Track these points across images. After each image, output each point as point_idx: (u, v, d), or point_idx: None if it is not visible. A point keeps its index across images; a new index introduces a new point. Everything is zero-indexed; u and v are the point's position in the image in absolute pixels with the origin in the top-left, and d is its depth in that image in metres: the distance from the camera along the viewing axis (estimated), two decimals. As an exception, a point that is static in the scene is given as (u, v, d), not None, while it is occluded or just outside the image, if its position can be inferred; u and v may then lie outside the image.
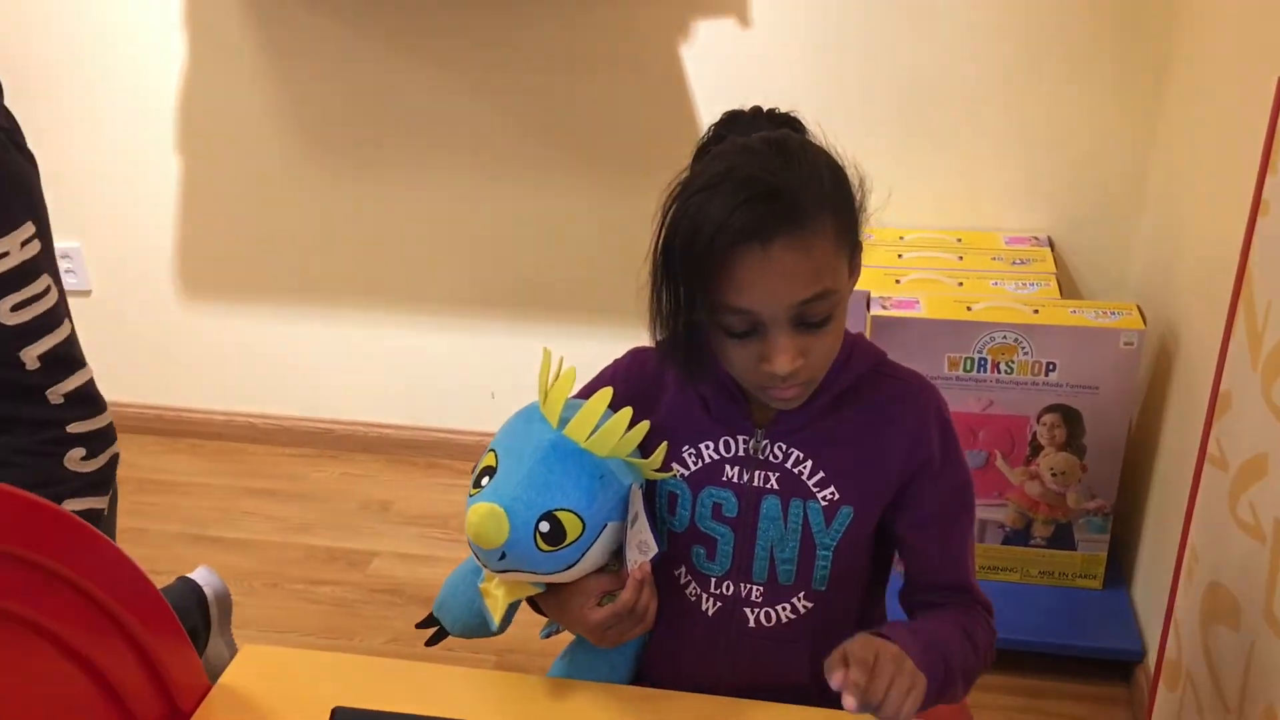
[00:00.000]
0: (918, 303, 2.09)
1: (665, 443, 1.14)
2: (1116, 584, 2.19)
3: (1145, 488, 2.14)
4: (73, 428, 1.28)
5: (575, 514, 1.07)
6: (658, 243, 1.05)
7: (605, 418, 1.09)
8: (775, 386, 1.07)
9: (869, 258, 2.19)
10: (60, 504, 1.26)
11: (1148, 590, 2.09)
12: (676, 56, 2.36)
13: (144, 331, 2.85)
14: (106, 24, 2.54)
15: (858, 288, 2.07)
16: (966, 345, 2.05)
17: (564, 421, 1.09)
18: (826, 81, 2.33)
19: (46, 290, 1.26)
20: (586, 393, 1.19)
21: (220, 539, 2.57)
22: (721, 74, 2.35)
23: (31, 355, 1.24)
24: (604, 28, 2.36)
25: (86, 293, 2.83)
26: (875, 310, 2.07)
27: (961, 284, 2.17)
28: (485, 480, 1.09)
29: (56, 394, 1.27)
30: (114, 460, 1.34)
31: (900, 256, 2.29)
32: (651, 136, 2.39)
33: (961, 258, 2.27)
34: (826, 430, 1.15)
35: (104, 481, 1.33)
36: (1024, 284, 2.16)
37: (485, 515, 1.04)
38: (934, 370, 2.06)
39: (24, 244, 1.22)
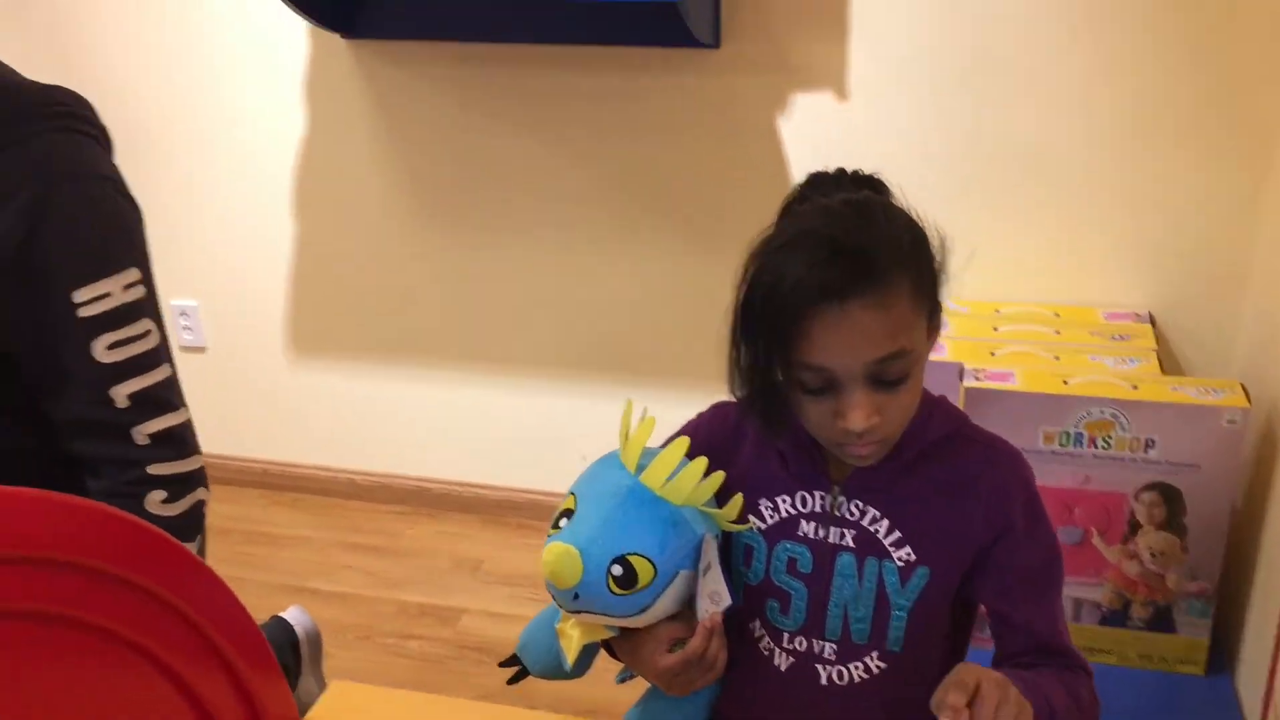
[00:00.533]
0: (1012, 375, 2.08)
1: (740, 494, 1.15)
2: (1219, 670, 2.11)
3: (1250, 571, 2.06)
4: (154, 469, 1.28)
5: (648, 559, 1.09)
6: (738, 299, 1.08)
7: (682, 466, 1.11)
8: (851, 443, 1.08)
9: (962, 329, 2.23)
10: None
11: (1252, 678, 2.01)
12: (773, 126, 2.40)
13: (254, 387, 2.96)
14: (226, 92, 2.68)
15: (951, 359, 2.11)
16: (1063, 419, 2.02)
17: (641, 468, 1.12)
18: (923, 152, 2.35)
19: (146, 333, 1.28)
20: (668, 444, 1.21)
21: (317, 591, 2.63)
22: (817, 144, 2.38)
23: (121, 394, 1.25)
24: (704, 97, 2.42)
25: (202, 349, 2.95)
26: (969, 382, 2.06)
27: (1058, 358, 2.15)
28: (563, 522, 1.12)
29: (142, 434, 1.27)
30: (198, 506, 1.33)
31: (995, 329, 2.27)
32: (747, 205, 2.42)
33: (1059, 332, 2.25)
34: (905, 490, 1.15)
35: (188, 527, 1.31)
36: (1124, 360, 2.13)
37: (560, 555, 1.07)
38: (1029, 444, 2.03)
39: (127, 287, 1.25)
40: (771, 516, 1.18)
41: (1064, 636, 1.17)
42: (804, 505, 1.17)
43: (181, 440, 1.30)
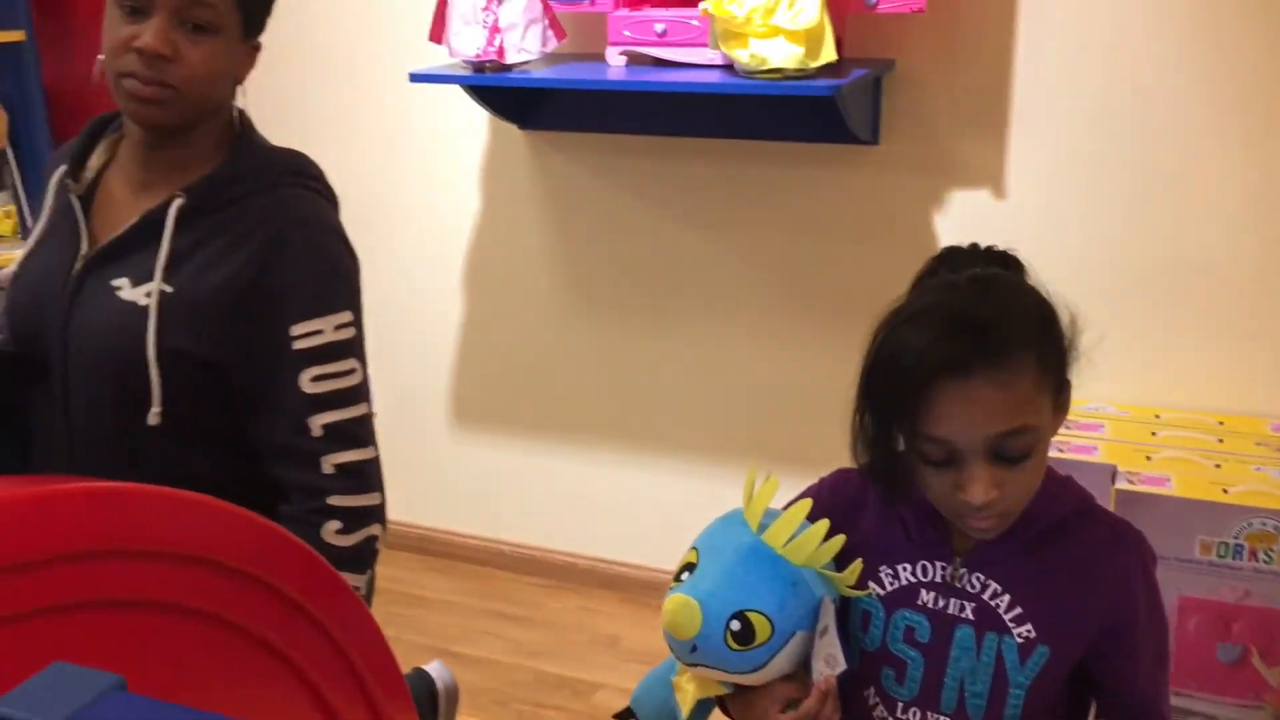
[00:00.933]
0: (1169, 480, 2.02)
1: (860, 560, 1.17)
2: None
3: None
4: (334, 499, 1.32)
5: (766, 617, 1.11)
6: (863, 368, 1.12)
7: (803, 527, 1.14)
8: (970, 515, 1.09)
9: (1118, 432, 2.19)
10: None
11: None
12: (929, 223, 2.43)
13: (418, 455, 3.10)
14: (410, 171, 2.87)
15: (1103, 460, 2.06)
16: (1222, 529, 1.95)
17: (763, 527, 1.15)
18: (1083, 255, 2.33)
19: (349, 371, 1.34)
20: (791, 505, 1.24)
21: (459, 655, 2.70)
22: (974, 242, 2.39)
23: (317, 424, 1.31)
24: (861, 192, 2.47)
25: (371, 414, 3.11)
26: (1121, 484, 2.01)
27: (1219, 466, 2.08)
28: (684, 575, 1.15)
29: (329, 463, 1.32)
30: (371, 541, 1.36)
31: (1154, 434, 2.22)
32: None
33: (1222, 440, 2.17)
34: (1028, 566, 1.14)
35: (359, 560, 1.35)
36: (1290, 472, 2.04)
37: (680, 606, 1.11)
38: (1183, 553, 1.96)
39: (338, 327, 1.33)
40: (891, 584, 1.19)
41: (1168, 713, 1.16)
42: (924, 574, 1.18)
43: (364, 475, 1.35)
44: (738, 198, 2.59)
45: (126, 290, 1.31)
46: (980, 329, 1.04)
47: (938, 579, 1.17)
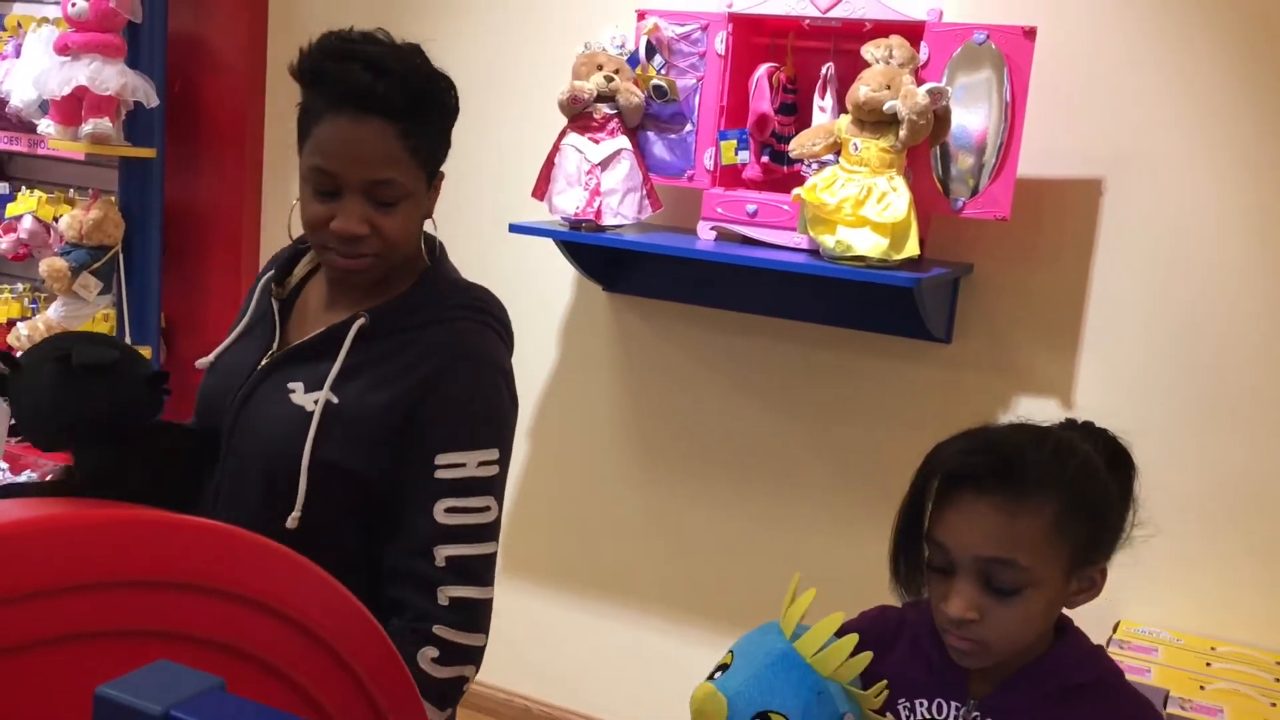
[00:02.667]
0: (1222, 712, 1.97)
1: (885, 682, 1.19)
2: None
3: None
4: (440, 630, 1.31)
5: None
6: (912, 479, 1.20)
7: (833, 640, 1.17)
8: (948, 629, 1.14)
9: (1172, 658, 2.15)
10: None
11: None
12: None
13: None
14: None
15: (1156, 684, 2.02)
16: (1275, 769, 1.89)
17: (796, 636, 1.20)
18: (1147, 477, 2.32)
19: (485, 509, 1.35)
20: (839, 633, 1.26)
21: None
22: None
23: (442, 554, 1.31)
24: (930, 388, 2.51)
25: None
26: (1173, 709, 1.96)
27: (1275, 705, 2.02)
28: (718, 674, 1.20)
29: (445, 594, 1.31)
30: (461, 680, 1.33)
31: (1209, 665, 2.17)
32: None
33: (1279, 680, 2.12)
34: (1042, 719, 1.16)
35: (445, 695, 1.32)
36: (1350, 719, 1.98)
37: (708, 695, 1.14)
38: (1234, 789, 1.90)
39: (481, 464, 1.34)
40: (908, 716, 1.22)
41: None
42: (939, 712, 1.20)
43: (474, 614, 1.33)
44: (809, 381, 2.64)
45: (299, 394, 1.36)
46: (1008, 454, 1.11)
47: (951, 718, 1.20)
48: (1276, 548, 2.26)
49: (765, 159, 2.48)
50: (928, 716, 1.21)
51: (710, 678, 1.20)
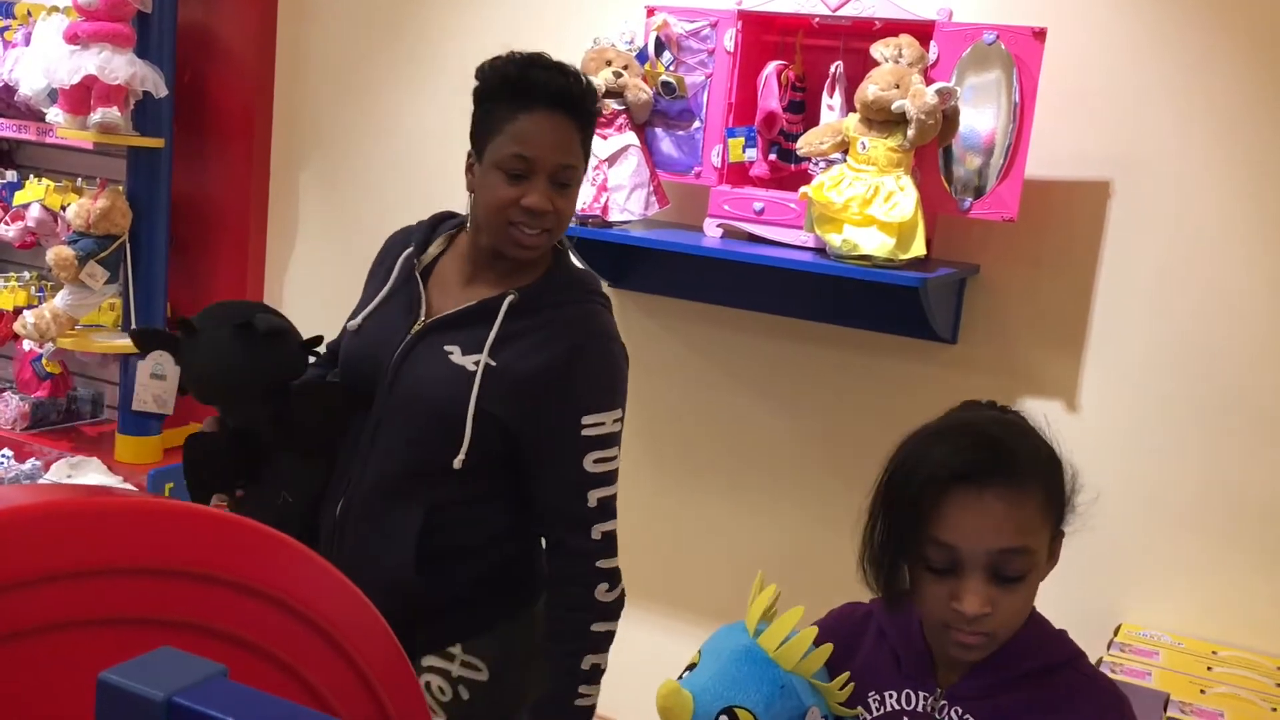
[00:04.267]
0: (1223, 715, 1.97)
1: (849, 674, 1.22)
2: None
3: None
4: (600, 562, 1.63)
5: (753, 714, 1.16)
6: (881, 477, 1.21)
7: (795, 634, 1.20)
8: (959, 630, 1.14)
9: (1173, 662, 2.15)
10: (589, 627, 1.63)
11: None
12: (999, 426, 2.45)
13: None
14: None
15: (1156, 687, 2.02)
16: (1275, 775, 1.88)
17: (759, 632, 1.22)
18: (1151, 480, 2.33)
19: (615, 457, 1.65)
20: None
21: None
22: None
23: (594, 496, 1.62)
24: (934, 388, 2.51)
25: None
26: (1173, 712, 1.96)
27: (1276, 710, 2.02)
28: (686, 674, 1.22)
29: (598, 530, 1.62)
30: (623, 595, 1.67)
31: (1209, 669, 2.17)
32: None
33: (1280, 685, 2.12)
34: (1006, 704, 1.17)
35: (617, 611, 1.66)
36: (1350, 725, 1.98)
37: (672, 692, 1.16)
38: (1233, 793, 1.90)
39: (615, 420, 1.64)
40: (877, 709, 1.23)
41: None
42: (908, 703, 1.22)
43: (615, 542, 1.66)
44: (814, 379, 2.64)
45: (457, 356, 1.61)
46: (1000, 446, 1.13)
47: (920, 709, 1.21)
48: (1277, 552, 2.26)
49: (773, 157, 2.48)
50: (896, 708, 1.23)
51: (679, 678, 1.22)
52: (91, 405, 3.51)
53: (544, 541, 1.72)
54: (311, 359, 1.70)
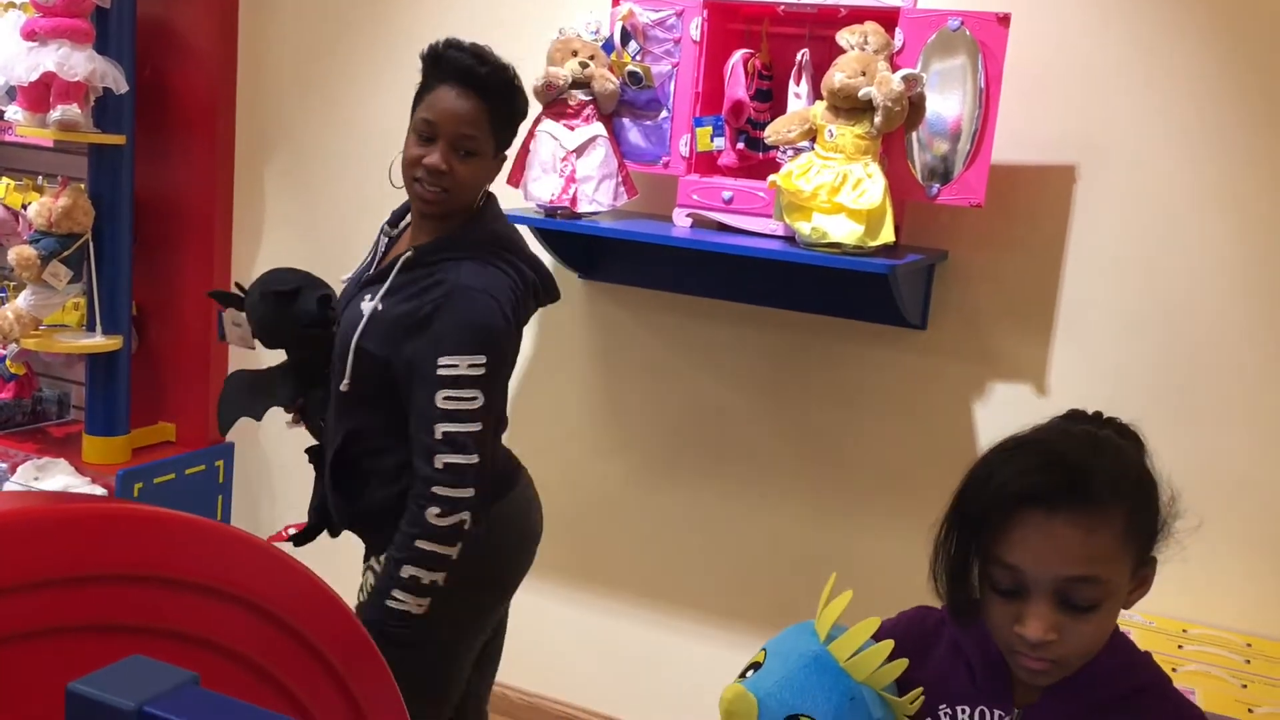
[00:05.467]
0: (1194, 694, 1.99)
1: (921, 689, 1.17)
2: None
3: None
4: (437, 489, 1.82)
5: None
6: (958, 490, 1.15)
7: (868, 644, 1.15)
8: (1024, 653, 1.09)
9: (1145, 642, 2.15)
10: (413, 541, 1.82)
11: None
12: (969, 412, 2.47)
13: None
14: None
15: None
16: (1246, 750, 1.91)
17: (831, 638, 1.17)
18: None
19: (473, 398, 1.84)
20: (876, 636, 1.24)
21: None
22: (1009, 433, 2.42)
23: (439, 430, 1.82)
24: (906, 375, 2.52)
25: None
26: (1145, 692, 1.98)
27: (1246, 686, 2.05)
28: (750, 673, 1.17)
29: (440, 460, 1.83)
30: (461, 524, 1.83)
31: (1180, 648, 2.19)
32: (931, 484, 2.46)
33: (1249, 661, 2.15)
34: None
35: (448, 536, 1.83)
36: (1318, 700, 2.01)
37: (738, 696, 1.12)
38: (1205, 770, 1.92)
39: (471, 365, 1.83)
40: None
41: None
42: None
43: (462, 474, 1.83)
44: (785, 367, 2.65)
45: (364, 304, 1.92)
46: (1074, 469, 1.07)
47: None
48: (1246, 532, 2.29)
49: (741, 145, 2.48)
50: None
51: (742, 675, 1.18)
52: (58, 406, 3.47)
53: None
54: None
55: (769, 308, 2.62)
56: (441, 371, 1.82)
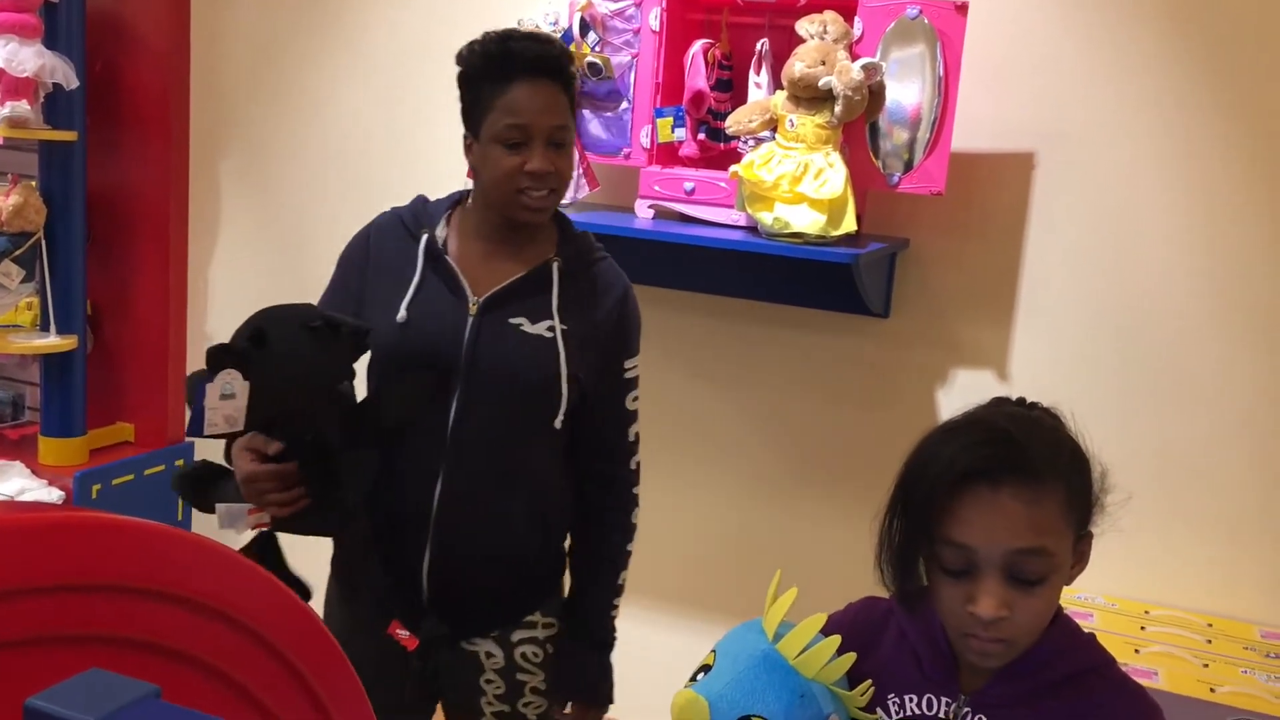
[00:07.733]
0: (1156, 674, 2.01)
1: (870, 681, 1.17)
2: None
3: None
4: (635, 490, 1.84)
5: None
6: (899, 475, 1.14)
7: (816, 641, 1.15)
8: (976, 634, 1.09)
9: (1108, 623, 2.19)
10: (625, 548, 1.83)
11: None
12: (933, 398, 2.48)
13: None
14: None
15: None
16: (1207, 729, 1.93)
17: (779, 637, 1.17)
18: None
19: (639, 396, 1.82)
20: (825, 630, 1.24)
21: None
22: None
23: (631, 431, 1.83)
24: (869, 362, 2.53)
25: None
26: (1109, 674, 2.00)
27: (1207, 665, 2.07)
28: (700, 675, 1.17)
29: (634, 461, 1.83)
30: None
31: (1143, 629, 2.22)
32: (896, 470, 2.47)
33: (1210, 641, 2.18)
34: (1032, 713, 1.13)
35: (635, 531, 1.85)
36: (1277, 678, 2.04)
37: (690, 701, 1.12)
38: (1168, 749, 1.94)
39: (637, 365, 1.81)
40: (897, 713, 1.18)
41: None
42: (929, 708, 1.17)
43: (639, 471, 1.83)
44: (748, 356, 2.65)
45: (527, 326, 1.69)
46: (1015, 443, 1.08)
47: (941, 714, 1.17)
48: (1205, 514, 2.32)
49: (702, 136, 2.47)
50: (917, 713, 1.17)
51: (692, 679, 1.18)
52: (12, 408, 3.40)
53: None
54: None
55: (732, 298, 2.63)
56: (628, 374, 1.80)
